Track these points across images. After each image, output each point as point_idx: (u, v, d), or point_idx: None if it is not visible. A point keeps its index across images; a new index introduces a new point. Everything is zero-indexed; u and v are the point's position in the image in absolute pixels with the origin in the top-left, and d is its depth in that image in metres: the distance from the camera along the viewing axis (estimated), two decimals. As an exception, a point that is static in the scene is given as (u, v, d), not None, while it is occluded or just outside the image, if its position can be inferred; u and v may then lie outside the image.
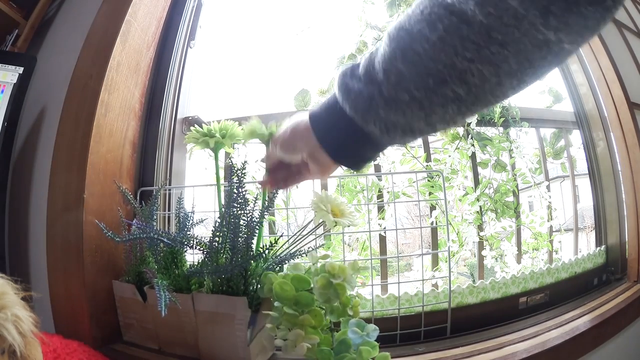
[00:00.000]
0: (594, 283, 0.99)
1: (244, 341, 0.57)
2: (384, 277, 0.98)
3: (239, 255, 0.57)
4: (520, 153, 1.11)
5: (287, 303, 0.52)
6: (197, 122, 0.95)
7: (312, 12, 1.25)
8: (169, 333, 0.65)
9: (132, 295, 0.67)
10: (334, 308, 0.54)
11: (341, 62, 1.11)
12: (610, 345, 0.79)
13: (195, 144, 0.64)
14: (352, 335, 0.52)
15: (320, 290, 0.53)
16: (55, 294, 0.70)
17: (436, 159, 1.11)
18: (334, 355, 0.52)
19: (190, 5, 0.96)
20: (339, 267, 0.53)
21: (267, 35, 2.97)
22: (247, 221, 0.58)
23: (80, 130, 0.71)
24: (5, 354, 0.36)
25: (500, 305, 0.83)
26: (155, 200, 0.70)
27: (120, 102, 0.78)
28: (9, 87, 0.84)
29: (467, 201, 1.08)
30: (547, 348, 0.66)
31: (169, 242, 0.60)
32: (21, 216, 0.88)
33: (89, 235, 0.68)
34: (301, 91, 1.10)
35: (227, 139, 0.65)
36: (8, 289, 0.38)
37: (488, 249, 1.08)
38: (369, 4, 1.13)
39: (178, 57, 0.93)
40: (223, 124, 0.65)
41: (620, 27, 1.16)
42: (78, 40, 0.79)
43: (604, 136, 1.11)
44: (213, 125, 0.64)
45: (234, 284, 0.57)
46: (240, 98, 1.76)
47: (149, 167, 0.85)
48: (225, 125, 0.65)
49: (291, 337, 0.51)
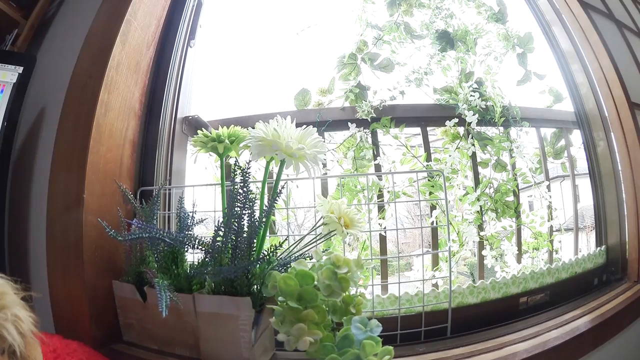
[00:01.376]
0: (594, 283, 0.99)
1: (248, 342, 0.57)
2: (384, 277, 0.98)
3: (241, 255, 0.57)
4: (521, 153, 1.11)
5: (291, 298, 0.52)
6: (197, 121, 0.95)
7: (312, 11, 1.25)
8: (169, 333, 0.65)
9: (132, 295, 0.67)
10: (337, 307, 0.54)
11: (341, 62, 1.10)
12: (611, 345, 0.79)
13: (203, 149, 0.65)
14: (355, 330, 0.52)
15: (324, 282, 0.52)
16: (55, 294, 0.70)
17: (436, 158, 1.11)
18: (337, 350, 0.52)
19: (190, 4, 0.96)
20: (344, 259, 0.54)
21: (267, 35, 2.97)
22: (250, 221, 0.58)
23: (80, 129, 0.71)
24: (5, 354, 0.36)
25: (501, 305, 0.83)
26: (156, 199, 0.70)
27: (120, 102, 0.77)
28: (9, 86, 0.84)
29: (468, 201, 1.08)
30: (547, 348, 0.66)
31: (170, 241, 0.60)
32: (21, 216, 0.88)
33: (89, 235, 0.68)
34: (301, 91, 1.09)
35: (236, 145, 0.65)
36: (8, 289, 0.38)
37: (488, 248, 1.08)
38: (369, 3, 1.13)
39: (178, 56, 0.92)
40: (232, 129, 0.66)
41: (621, 27, 1.16)
42: (78, 39, 0.79)
43: (605, 136, 1.11)
44: (222, 130, 0.65)
45: (238, 284, 0.57)
46: (240, 98, 1.76)
47: (149, 166, 0.85)
48: (235, 132, 0.65)
49: (294, 331, 0.51)
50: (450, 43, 1.13)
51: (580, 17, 1.08)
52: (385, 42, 1.12)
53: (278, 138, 0.57)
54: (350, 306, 0.55)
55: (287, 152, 0.57)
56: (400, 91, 1.08)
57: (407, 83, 1.09)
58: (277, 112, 0.98)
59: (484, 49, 1.17)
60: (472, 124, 1.07)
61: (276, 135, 0.57)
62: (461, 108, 1.06)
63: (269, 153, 0.57)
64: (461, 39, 1.14)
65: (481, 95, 1.08)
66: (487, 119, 1.08)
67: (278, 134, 0.58)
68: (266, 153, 0.58)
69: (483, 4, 1.18)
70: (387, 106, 1.06)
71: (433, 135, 1.14)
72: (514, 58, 1.18)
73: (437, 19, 1.15)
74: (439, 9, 1.15)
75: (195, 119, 0.95)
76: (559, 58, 1.19)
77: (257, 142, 0.57)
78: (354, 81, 1.09)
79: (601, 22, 1.10)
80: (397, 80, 1.09)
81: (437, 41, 1.13)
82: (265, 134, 0.58)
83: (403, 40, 1.13)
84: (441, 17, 1.14)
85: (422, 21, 1.14)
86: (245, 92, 1.44)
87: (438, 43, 1.13)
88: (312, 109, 1.08)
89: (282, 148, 0.57)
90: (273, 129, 0.58)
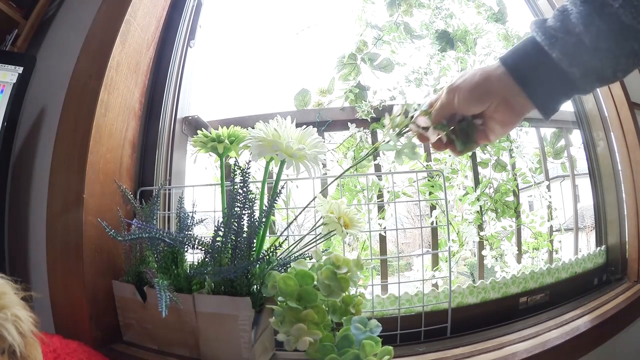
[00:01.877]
0: (594, 283, 0.99)
1: (248, 342, 0.57)
2: (384, 277, 0.98)
3: (241, 255, 0.57)
4: (521, 153, 1.11)
5: (290, 298, 0.52)
6: (197, 121, 0.95)
7: (312, 11, 1.25)
8: (168, 333, 0.65)
9: (132, 296, 0.67)
10: (337, 307, 0.54)
11: (341, 62, 1.10)
12: (611, 345, 0.79)
13: (202, 149, 0.65)
14: (354, 330, 0.52)
15: (324, 282, 0.52)
16: (55, 294, 0.70)
17: (436, 158, 1.11)
18: (337, 350, 0.52)
19: (190, 4, 0.96)
20: (344, 259, 0.54)
21: (267, 35, 2.97)
22: (249, 221, 0.58)
23: (80, 130, 0.71)
24: (5, 354, 0.36)
25: (501, 305, 0.83)
26: (156, 199, 0.70)
27: (120, 102, 0.77)
28: (9, 86, 0.84)
29: (467, 201, 1.08)
30: (547, 348, 0.66)
31: (170, 241, 0.60)
32: (21, 216, 0.88)
33: (88, 235, 0.68)
34: (301, 91, 1.10)
35: (235, 145, 0.65)
36: (8, 289, 0.38)
37: (488, 248, 1.08)
38: (369, 3, 1.13)
39: (178, 56, 0.93)
40: (232, 129, 0.66)
41: (621, 27, 1.15)
42: (78, 39, 0.79)
43: (604, 136, 1.10)
44: (222, 130, 0.65)
45: (237, 284, 0.57)
46: (240, 98, 1.75)
47: (149, 167, 0.85)
48: (234, 132, 0.65)
49: (294, 331, 0.51)
50: (450, 43, 1.13)
51: (580, 17, 1.08)
52: (385, 42, 1.12)
53: (278, 138, 0.57)
54: (350, 306, 0.55)
55: (288, 152, 0.57)
56: (400, 91, 1.08)
57: (407, 83, 1.09)
58: (277, 112, 0.99)
59: (484, 49, 1.17)
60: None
61: (276, 135, 0.57)
62: (461, 108, 1.06)
63: (269, 153, 0.57)
64: (461, 39, 1.14)
65: (481, 95, 1.08)
66: (487, 119, 1.08)
67: (278, 134, 0.58)
68: (266, 153, 0.57)
69: (483, 4, 1.18)
70: (387, 106, 1.06)
71: (433, 135, 1.14)
72: (514, 58, 1.18)
73: (437, 19, 1.15)
74: (439, 9, 1.15)
75: (195, 119, 0.95)
76: (559, 58, 1.19)
77: (258, 143, 0.57)
78: (354, 81, 1.09)
79: (601, 22, 1.09)
80: (397, 80, 1.09)
81: (437, 41, 1.13)
82: (266, 134, 0.58)
83: (403, 41, 1.13)
84: (441, 17, 1.15)
85: (422, 21, 1.15)
86: (245, 92, 1.44)
87: (438, 43, 1.13)
88: (312, 109, 1.08)
89: (282, 148, 0.56)
90: (273, 129, 0.58)
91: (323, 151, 0.61)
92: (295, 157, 0.58)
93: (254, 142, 0.58)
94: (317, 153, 0.59)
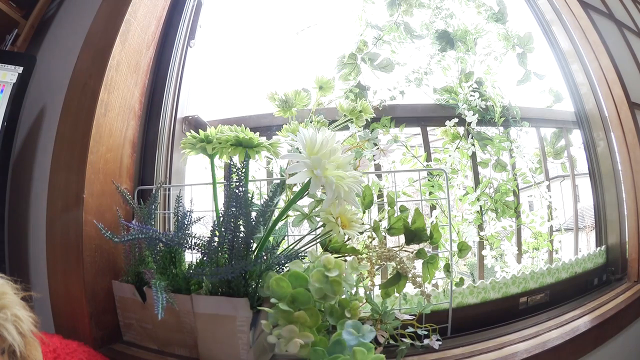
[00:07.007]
0: (594, 283, 0.99)
1: (246, 343, 0.57)
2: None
3: (239, 256, 0.57)
4: (521, 153, 1.11)
5: (282, 300, 0.50)
6: (197, 121, 0.95)
7: (312, 11, 1.25)
8: (168, 333, 0.64)
9: (132, 296, 0.67)
10: (334, 310, 0.53)
11: (341, 62, 1.10)
12: (611, 345, 0.79)
13: (192, 150, 0.62)
14: (346, 336, 0.50)
15: (314, 285, 0.51)
16: (55, 294, 0.70)
17: (436, 158, 1.11)
18: (327, 355, 0.49)
19: (190, 4, 0.96)
20: (335, 262, 0.52)
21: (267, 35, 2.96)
22: (246, 222, 0.57)
23: (80, 129, 0.71)
24: (5, 354, 0.36)
25: (501, 305, 0.83)
26: (154, 199, 0.70)
27: (120, 102, 0.77)
28: (9, 86, 0.84)
29: (468, 201, 1.08)
30: (547, 348, 0.66)
31: (167, 241, 0.60)
32: (21, 216, 0.88)
33: (88, 235, 0.68)
34: (301, 90, 1.09)
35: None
36: (8, 289, 0.38)
37: (488, 248, 1.08)
38: (369, 3, 1.13)
39: (178, 56, 0.92)
40: (220, 129, 0.62)
41: (621, 27, 1.16)
42: (78, 39, 0.79)
43: (605, 136, 1.10)
44: (210, 130, 0.61)
45: (235, 285, 0.57)
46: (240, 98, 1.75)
47: (149, 166, 0.85)
48: (222, 131, 0.62)
49: (284, 333, 0.49)
50: (450, 43, 1.13)
51: (580, 17, 1.08)
52: (385, 42, 1.12)
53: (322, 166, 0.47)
54: (345, 310, 0.53)
55: (328, 181, 0.48)
56: (400, 91, 1.08)
57: (407, 83, 1.09)
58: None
59: (484, 49, 1.17)
60: (472, 124, 1.07)
61: (318, 161, 0.48)
62: (461, 108, 1.06)
63: (307, 177, 0.49)
64: (461, 39, 1.14)
65: (481, 95, 1.08)
66: (487, 119, 1.08)
67: (321, 159, 0.48)
68: (305, 179, 0.49)
69: (483, 4, 1.18)
70: (387, 106, 1.06)
71: (433, 135, 1.14)
72: (514, 58, 1.18)
73: (437, 19, 1.15)
74: (439, 9, 1.15)
75: (195, 118, 0.95)
76: (558, 58, 1.19)
77: (300, 167, 0.49)
78: (354, 81, 1.09)
79: (601, 22, 1.10)
80: (397, 80, 1.09)
81: (437, 41, 1.13)
82: (309, 151, 0.49)
83: (403, 40, 1.13)
84: (441, 17, 1.14)
85: (422, 21, 1.14)
86: (245, 92, 1.44)
87: (438, 43, 1.13)
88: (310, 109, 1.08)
89: (327, 181, 0.48)
90: (318, 145, 0.49)
91: (359, 189, 0.53)
92: (331, 185, 0.49)
93: (296, 166, 0.49)
94: (354, 188, 0.51)
